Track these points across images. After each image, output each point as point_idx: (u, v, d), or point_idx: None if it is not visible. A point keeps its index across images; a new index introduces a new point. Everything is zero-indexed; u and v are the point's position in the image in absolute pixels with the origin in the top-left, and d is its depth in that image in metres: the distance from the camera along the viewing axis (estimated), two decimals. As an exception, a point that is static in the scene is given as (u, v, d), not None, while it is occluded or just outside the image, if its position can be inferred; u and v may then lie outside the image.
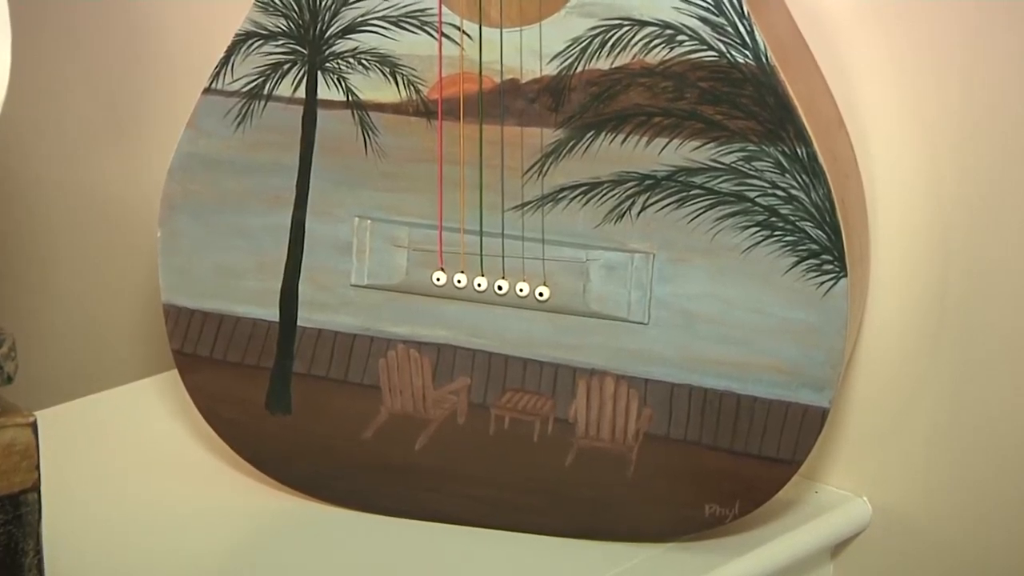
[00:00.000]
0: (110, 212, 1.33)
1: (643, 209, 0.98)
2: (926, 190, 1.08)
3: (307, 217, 1.04)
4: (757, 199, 0.96)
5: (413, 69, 1.00)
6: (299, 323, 1.06)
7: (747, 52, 0.94)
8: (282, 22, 1.01)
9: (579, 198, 0.99)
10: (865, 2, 1.07)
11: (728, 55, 0.94)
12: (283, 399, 1.07)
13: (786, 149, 0.95)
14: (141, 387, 1.27)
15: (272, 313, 1.06)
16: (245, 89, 1.02)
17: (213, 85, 1.03)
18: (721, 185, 0.96)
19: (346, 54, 1.01)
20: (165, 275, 1.07)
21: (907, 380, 1.11)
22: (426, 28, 0.99)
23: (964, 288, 1.07)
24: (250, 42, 1.02)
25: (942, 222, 1.07)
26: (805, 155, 0.95)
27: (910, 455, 1.12)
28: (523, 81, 0.98)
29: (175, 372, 1.10)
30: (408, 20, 0.99)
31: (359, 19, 1.00)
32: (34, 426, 0.87)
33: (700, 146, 0.96)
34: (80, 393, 1.25)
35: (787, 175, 0.95)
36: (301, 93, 1.02)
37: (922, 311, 1.09)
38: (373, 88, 1.01)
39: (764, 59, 0.94)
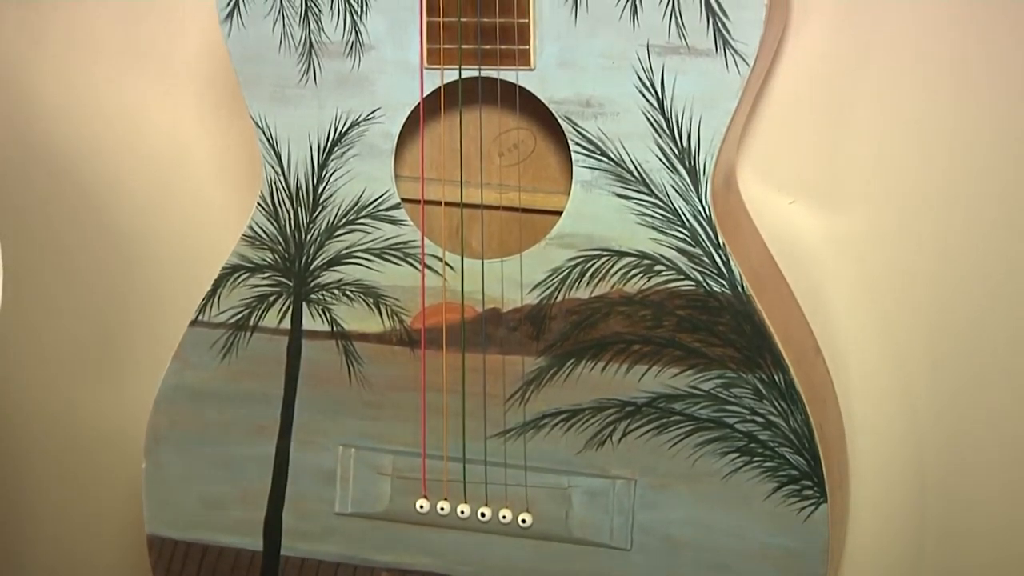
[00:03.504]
0: (95, 443, 1.34)
1: (624, 435, 0.99)
2: (902, 414, 1.08)
3: (291, 446, 1.04)
4: (736, 425, 0.97)
5: (396, 299, 1.01)
6: (282, 552, 1.05)
7: (723, 281, 0.96)
8: (268, 255, 1.03)
9: (561, 425, 1.00)
10: (836, 230, 1.08)
11: (705, 284, 0.96)
12: (266, 629, 1.07)
13: (764, 376, 0.96)
14: (123, 618, 1.26)
15: (256, 543, 1.06)
16: (231, 321, 1.04)
17: (200, 317, 1.04)
18: (701, 411, 0.97)
19: (331, 285, 1.02)
20: (149, 507, 1.07)
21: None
22: (409, 260, 1.01)
23: (942, 511, 1.08)
24: (236, 275, 1.03)
25: (918, 444, 1.08)
26: (783, 382, 0.96)
27: None
28: (504, 310, 1.00)
29: (158, 603, 1.09)
30: (392, 252, 1.01)
31: (344, 251, 1.02)
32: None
33: (679, 373, 0.97)
34: (62, 625, 1.24)
35: (765, 402, 0.96)
36: (286, 324, 1.03)
37: (902, 534, 1.09)
38: (357, 318, 1.02)
39: (740, 288, 0.95)
